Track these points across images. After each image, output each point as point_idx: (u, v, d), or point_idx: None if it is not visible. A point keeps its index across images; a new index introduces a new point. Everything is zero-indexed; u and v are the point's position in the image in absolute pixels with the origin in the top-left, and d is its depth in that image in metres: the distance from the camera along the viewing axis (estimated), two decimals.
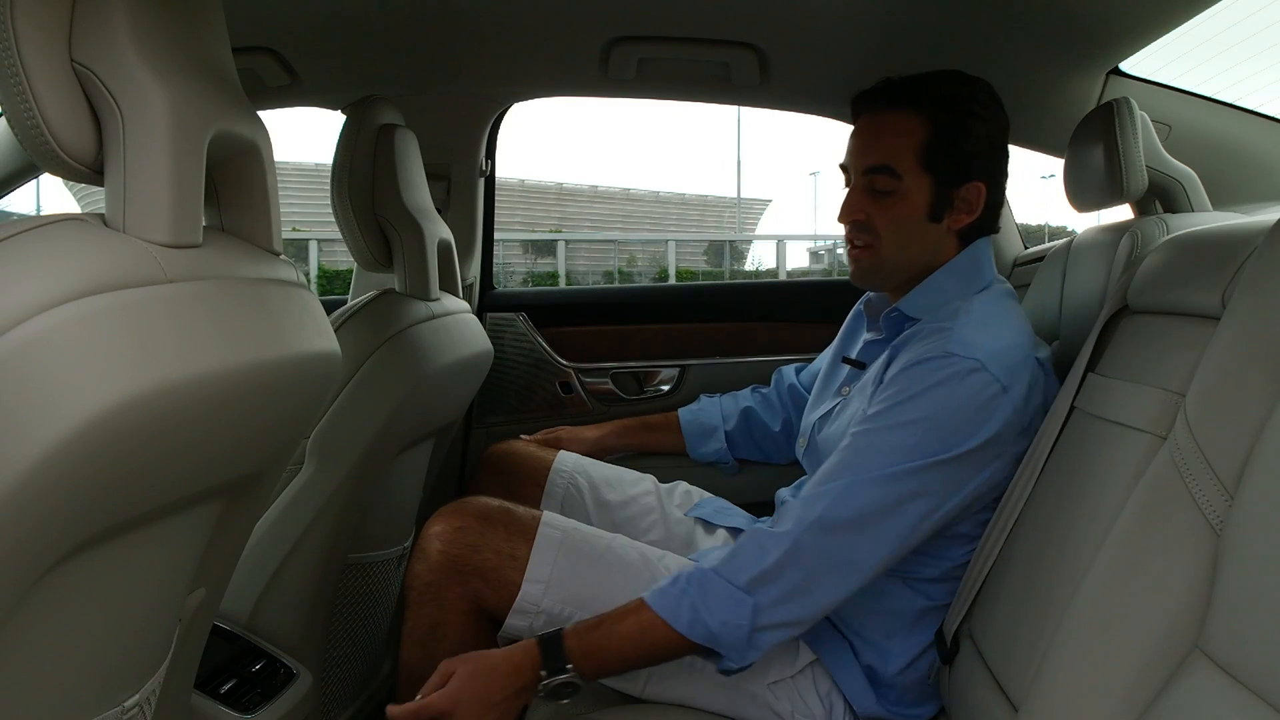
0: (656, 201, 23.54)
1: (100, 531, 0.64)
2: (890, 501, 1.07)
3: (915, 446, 1.07)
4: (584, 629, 1.09)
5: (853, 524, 1.07)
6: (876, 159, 1.21)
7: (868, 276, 1.27)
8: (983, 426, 1.07)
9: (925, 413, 1.08)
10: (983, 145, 1.21)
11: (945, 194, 1.21)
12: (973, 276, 1.23)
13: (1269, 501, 0.64)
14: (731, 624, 1.06)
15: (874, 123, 1.23)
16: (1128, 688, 0.70)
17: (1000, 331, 1.14)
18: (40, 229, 0.58)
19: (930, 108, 1.19)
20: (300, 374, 0.80)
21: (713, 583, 1.08)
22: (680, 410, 1.66)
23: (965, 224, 1.23)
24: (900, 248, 1.22)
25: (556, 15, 1.57)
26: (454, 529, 1.20)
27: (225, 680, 1.14)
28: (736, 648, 1.07)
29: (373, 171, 1.39)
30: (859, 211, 1.22)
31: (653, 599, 1.08)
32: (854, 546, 1.07)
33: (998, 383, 1.08)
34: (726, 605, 1.06)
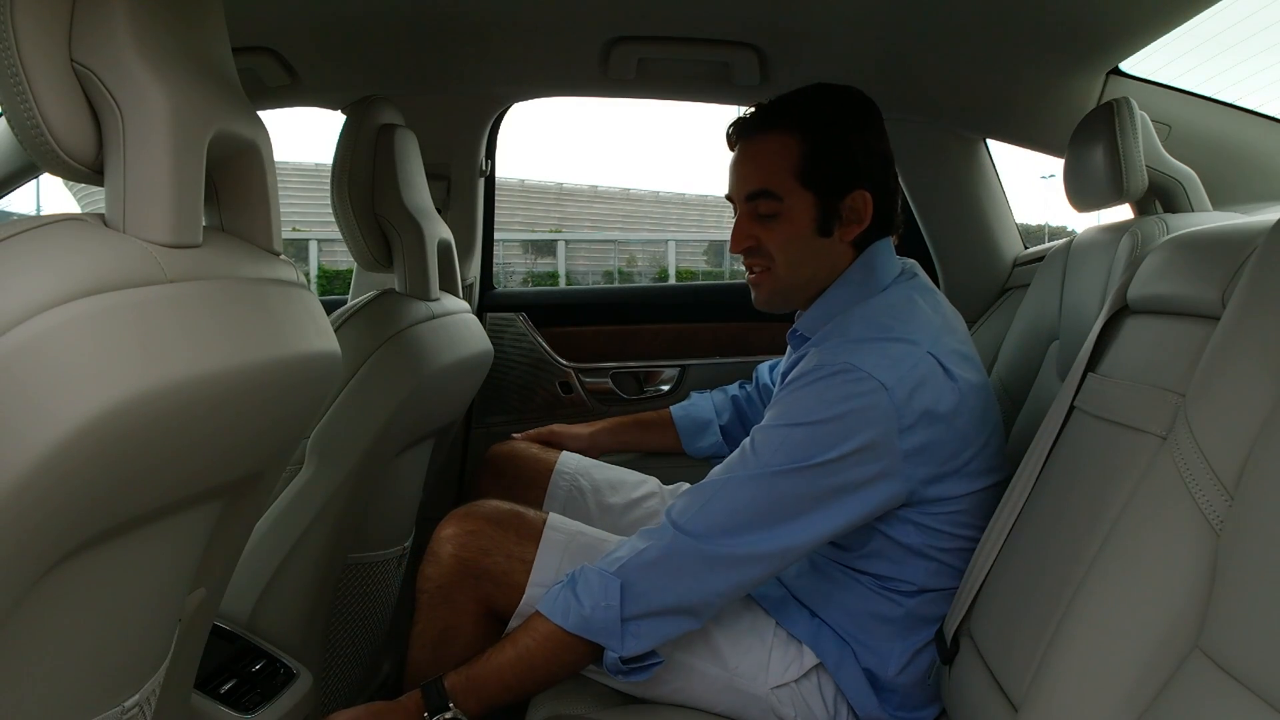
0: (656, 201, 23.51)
1: (100, 532, 0.64)
2: (767, 500, 1.07)
3: (789, 449, 1.07)
4: (465, 665, 1.11)
5: (728, 519, 1.08)
6: (756, 184, 1.21)
7: (770, 300, 1.27)
8: (859, 426, 1.06)
9: (796, 419, 1.08)
10: (859, 153, 1.21)
11: (831, 207, 1.20)
12: (866, 283, 1.22)
13: (1269, 501, 0.64)
14: (600, 605, 1.07)
15: (749, 149, 1.23)
16: (1128, 688, 0.70)
17: (881, 334, 1.13)
18: (40, 229, 0.58)
19: (801, 125, 1.19)
20: (300, 374, 0.80)
21: (586, 572, 1.10)
22: (672, 407, 1.66)
23: (857, 233, 1.22)
24: (794, 267, 1.22)
25: (556, 15, 1.57)
26: (466, 532, 1.20)
27: (225, 680, 1.13)
28: (610, 632, 1.07)
29: (373, 171, 1.39)
30: (748, 239, 1.22)
31: (541, 602, 1.10)
32: (729, 541, 1.07)
33: (873, 379, 1.06)
34: (596, 589, 1.08)
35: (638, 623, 1.08)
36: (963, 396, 1.11)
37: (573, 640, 1.08)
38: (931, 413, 1.08)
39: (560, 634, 1.08)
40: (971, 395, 1.13)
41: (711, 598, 1.10)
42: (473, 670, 1.10)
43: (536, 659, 1.09)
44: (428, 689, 1.10)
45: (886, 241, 1.25)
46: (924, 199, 1.99)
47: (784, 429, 1.09)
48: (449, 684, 1.09)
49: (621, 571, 1.08)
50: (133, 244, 0.64)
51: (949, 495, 1.12)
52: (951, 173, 1.94)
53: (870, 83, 1.32)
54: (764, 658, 1.19)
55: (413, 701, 1.10)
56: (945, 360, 1.12)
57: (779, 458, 1.08)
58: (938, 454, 1.10)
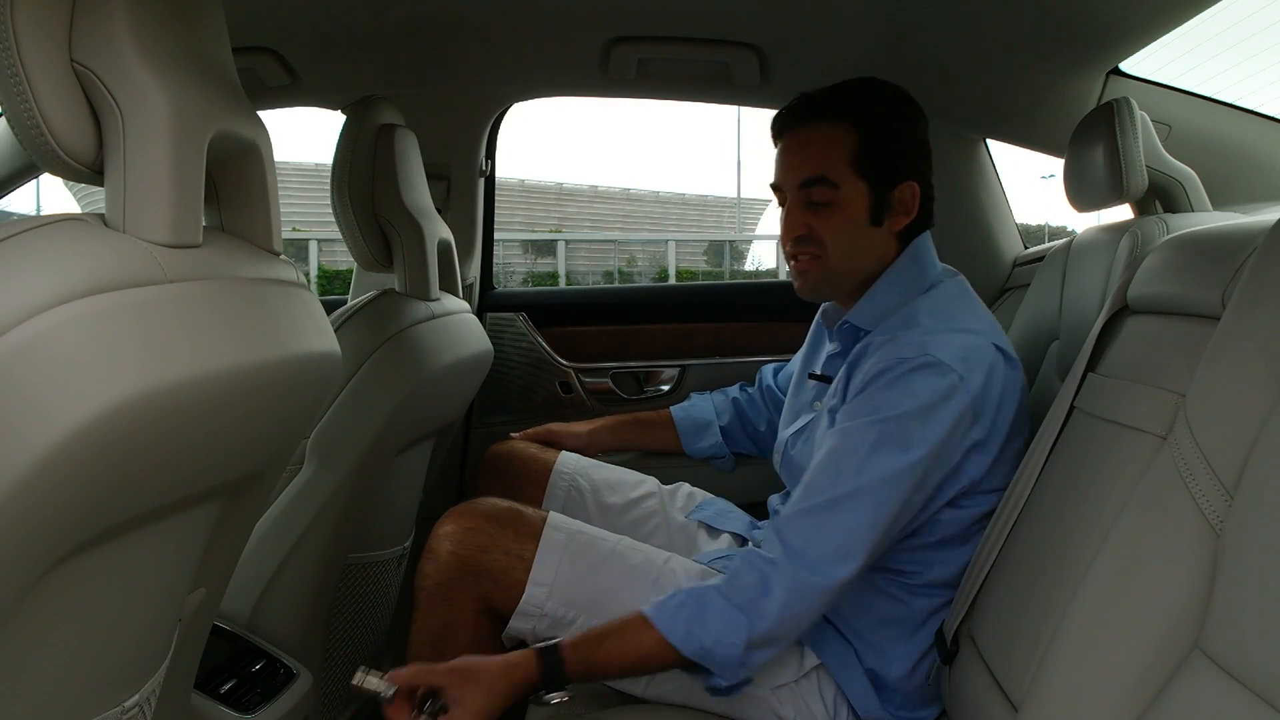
0: (656, 201, 23.51)
1: (100, 532, 0.64)
2: (869, 511, 1.07)
3: (889, 447, 1.08)
4: (584, 645, 1.08)
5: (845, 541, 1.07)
6: (811, 170, 1.21)
7: (818, 288, 1.27)
8: (943, 420, 1.08)
9: (889, 415, 1.09)
10: (910, 145, 1.24)
11: (882, 197, 1.22)
12: (916, 277, 1.24)
13: (1269, 501, 0.64)
14: (725, 642, 1.06)
15: (802, 136, 1.24)
16: (1128, 688, 0.70)
17: (951, 326, 1.15)
18: (40, 229, 0.58)
19: (854, 115, 1.21)
20: (300, 374, 0.80)
21: (712, 600, 1.08)
22: (672, 408, 1.66)
23: (905, 224, 1.24)
24: (847, 255, 1.23)
25: (556, 15, 1.57)
26: (464, 529, 1.20)
27: (225, 680, 1.13)
28: (729, 666, 1.07)
29: (373, 171, 1.39)
30: (801, 226, 1.23)
31: (652, 612, 1.09)
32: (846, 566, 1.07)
33: (954, 373, 1.09)
34: (723, 624, 1.06)
35: (756, 654, 1.07)
36: (1021, 385, 1.16)
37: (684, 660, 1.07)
38: (1000, 402, 1.13)
39: (674, 653, 1.07)
40: (1024, 384, 1.18)
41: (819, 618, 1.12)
42: (594, 657, 1.08)
43: (652, 662, 1.09)
44: (545, 655, 1.07)
45: (928, 236, 1.27)
46: None
47: (878, 425, 1.09)
48: (569, 666, 1.07)
49: (749, 608, 1.06)
50: (133, 244, 0.64)
51: (992, 488, 1.15)
52: (951, 173, 1.94)
53: None
54: None
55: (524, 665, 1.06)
56: (1005, 349, 1.16)
57: (879, 457, 1.08)
58: (997, 442, 1.13)
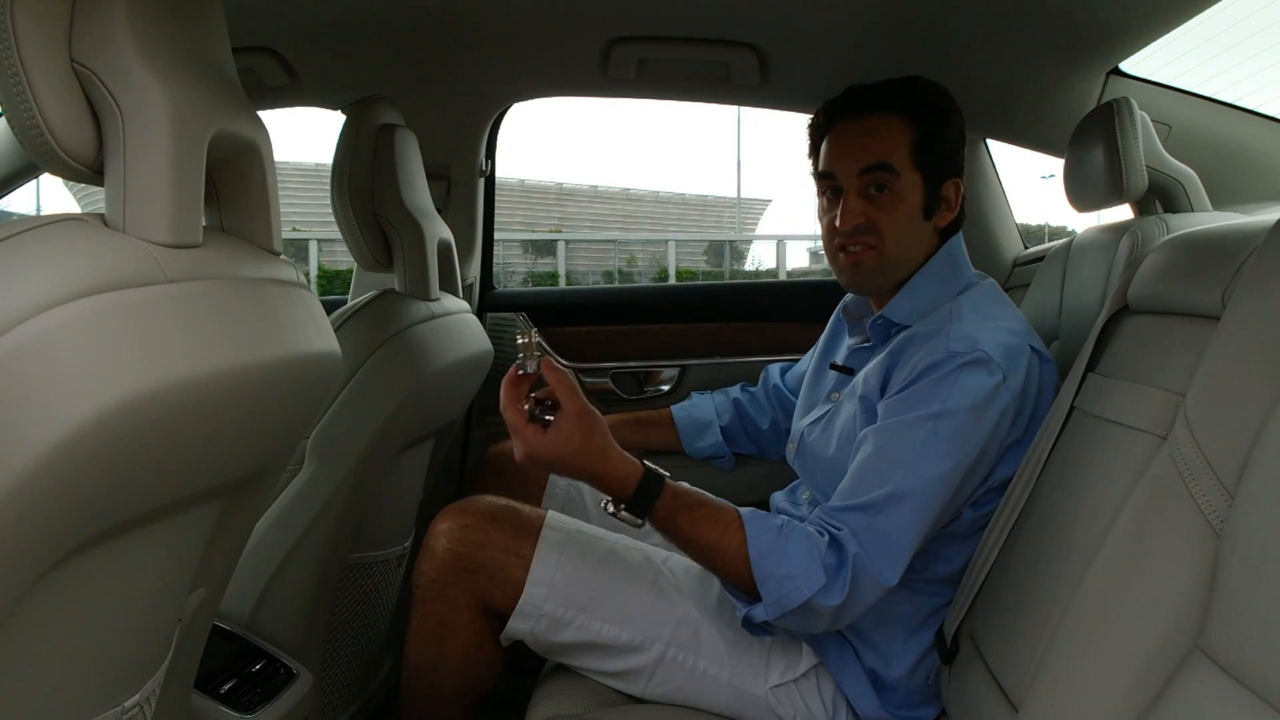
0: (656, 201, 23.52)
1: (101, 532, 0.64)
2: (920, 509, 1.07)
3: (941, 441, 1.08)
4: (681, 496, 1.10)
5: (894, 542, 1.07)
6: (876, 157, 1.21)
7: (871, 279, 1.25)
8: (991, 419, 1.10)
9: (941, 411, 1.09)
10: (956, 142, 1.26)
11: (934, 191, 1.24)
12: (952, 277, 1.25)
13: (1269, 501, 0.64)
14: (794, 583, 1.06)
15: (861, 126, 1.24)
16: (1128, 688, 0.70)
17: (994, 324, 1.16)
18: (40, 229, 0.58)
19: (910, 108, 1.22)
20: (300, 374, 0.80)
21: (803, 543, 1.07)
22: (673, 407, 1.66)
23: (949, 220, 1.26)
24: (902, 246, 1.23)
25: (556, 15, 1.57)
26: (460, 527, 1.20)
27: (225, 680, 1.13)
28: (779, 604, 1.06)
29: (373, 171, 1.39)
30: (860, 215, 1.22)
31: (749, 514, 1.10)
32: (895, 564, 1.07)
33: (1001, 371, 1.10)
34: (804, 568, 1.06)
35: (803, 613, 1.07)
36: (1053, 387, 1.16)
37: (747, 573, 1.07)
38: (1034, 404, 1.14)
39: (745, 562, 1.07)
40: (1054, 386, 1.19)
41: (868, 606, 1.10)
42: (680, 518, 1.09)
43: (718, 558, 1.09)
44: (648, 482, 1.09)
45: (961, 236, 1.29)
46: None
47: (932, 421, 1.09)
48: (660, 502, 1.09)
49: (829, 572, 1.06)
50: (133, 244, 0.64)
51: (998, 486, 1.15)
52: None
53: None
54: (763, 657, 1.19)
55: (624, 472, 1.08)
56: (1041, 351, 1.18)
57: (932, 452, 1.08)
58: (1026, 443, 1.13)
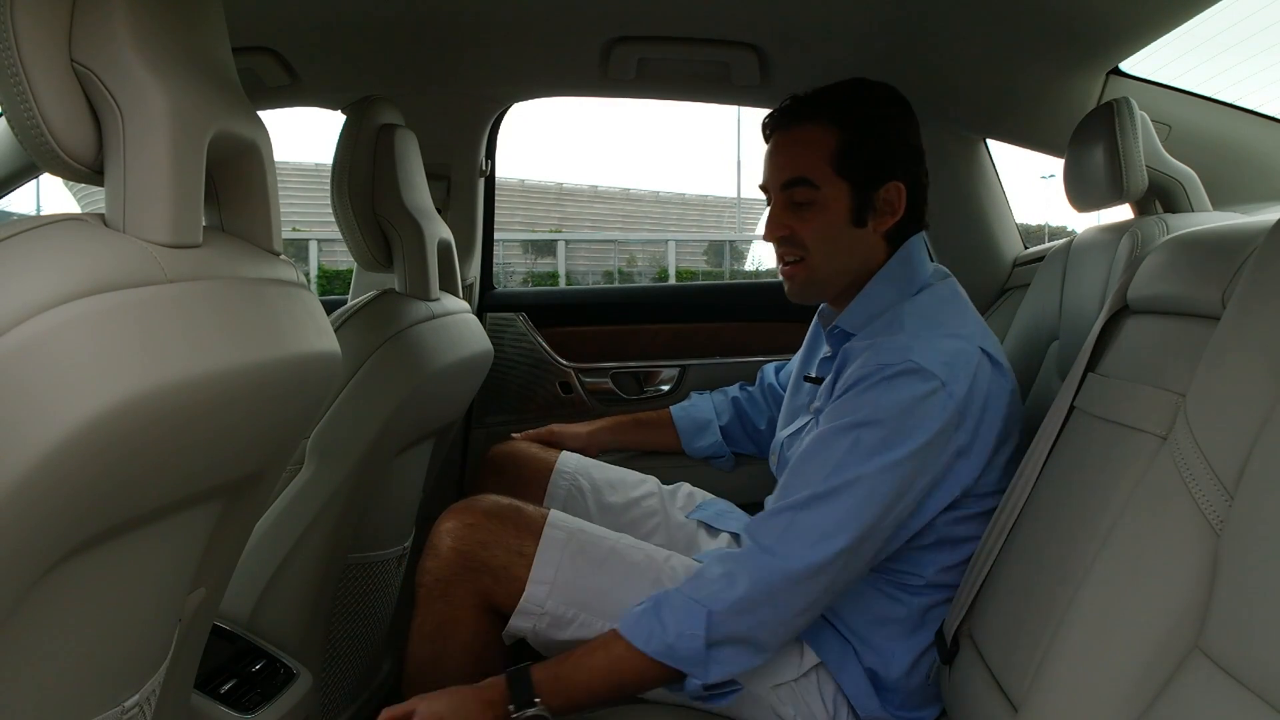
0: (656, 201, 23.51)
1: (100, 532, 0.63)
2: (847, 510, 1.07)
3: (864, 450, 1.07)
4: (553, 663, 1.10)
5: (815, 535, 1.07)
6: (792, 171, 1.22)
7: (804, 291, 1.27)
8: (924, 425, 1.08)
9: (865, 420, 1.08)
10: (894, 145, 1.23)
11: (865, 198, 1.22)
12: (905, 280, 1.23)
13: (1269, 501, 0.64)
14: (686, 634, 1.06)
15: (786, 138, 1.24)
16: (1128, 688, 0.70)
17: (934, 331, 1.14)
18: (40, 229, 0.58)
19: (837, 115, 1.21)
20: (300, 374, 0.80)
21: (671, 597, 1.09)
22: (672, 407, 1.66)
23: (890, 225, 1.24)
24: (829, 257, 1.23)
25: (556, 15, 1.57)
26: (465, 525, 1.21)
27: (225, 680, 1.13)
28: (695, 660, 1.07)
29: (373, 171, 1.39)
30: (783, 227, 1.23)
31: (622, 622, 1.09)
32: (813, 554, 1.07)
33: (936, 379, 1.08)
34: (682, 615, 1.07)
35: (720, 649, 1.07)
36: (1009, 391, 1.15)
37: (655, 664, 1.07)
38: (984, 408, 1.11)
39: (642, 659, 1.07)
40: (1013, 389, 1.17)
41: (795, 619, 1.10)
42: (561, 669, 1.08)
43: (626, 674, 1.08)
44: (514, 678, 1.07)
45: (920, 238, 1.27)
46: None
47: (855, 430, 1.09)
48: (536, 677, 1.07)
49: (710, 600, 1.07)
50: (133, 244, 0.64)
51: (986, 491, 1.14)
52: (951, 173, 1.94)
53: None
54: None
55: (496, 689, 1.07)
56: (993, 354, 1.15)
57: (854, 459, 1.07)
58: (984, 448, 1.12)
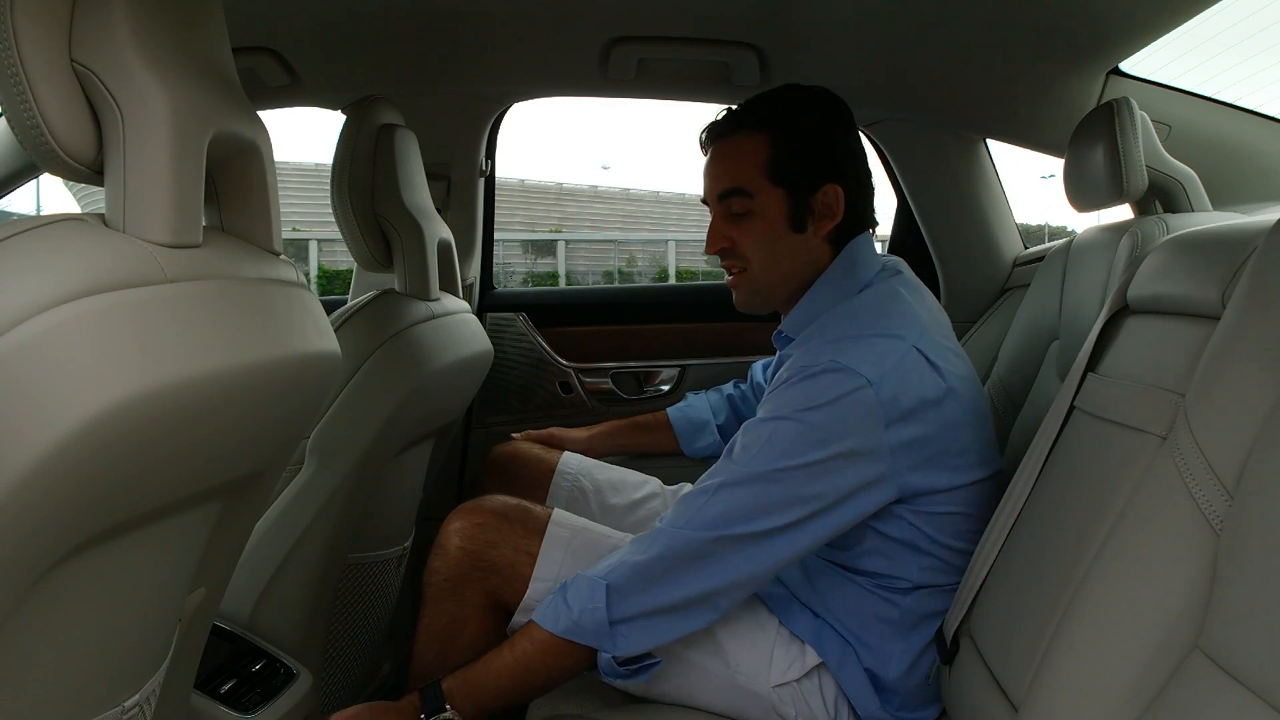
0: (656, 201, 23.51)
1: (100, 532, 0.64)
2: (760, 501, 1.07)
3: (778, 445, 1.07)
4: (464, 669, 1.11)
5: (721, 517, 1.07)
6: (726, 183, 1.22)
7: (750, 301, 1.27)
8: (849, 425, 1.06)
9: (782, 414, 1.08)
10: (827, 148, 1.22)
11: (802, 202, 1.21)
12: (847, 281, 1.22)
13: (1269, 501, 0.64)
14: (589, 609, 1.07)
15: (719, 150, 1.24)
16: (1128, 688, 0.70)
17: (862, 334, 1.12)
18: (40, 229, 0.58)
19: (768, 123, 1.20)
20: (300, 374, 0.80)
21: (577, 579, 1.11)
22: (669, 409, 1.66)
23: (830, 228, 1.22)
24: (770, 265, 1.23)
25: (556, 15, 1.57)
26: (473, 525, 1.21)
27: (225, 680, 1.14)
28: (599, 634, 1.08)
29: (373, 171, 1.39)
30: (723, 239, 1.23)
31: (538, 611, 1.11)
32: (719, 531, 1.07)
33: (861, 376, 1.06)
34: (584, 593, 1.09)
35: (628, 624, 1.08)
36: (950, 388, 1.11)
37: (566, 645, 1.09)
38: (918, 406, 1.08)
39: (552, 639, 1.09)
40: (960, 386, 1.13)
41: (702, 593, 1.09)
42: (470, 674, 1.10)
43: (533, 663, 1.10)
44: (425, 691, 1.10)
45: (866, 237, 1.25)
46: (924, 199, 1.98)
47: (771, 423, 1.09)
48: (446, 686, 1.09)
49: (609, 575, 1.09)
50: (133, 244, 0.64)
51: (940, 488, 1.12)
52: (951, 173, 1.94)
53: (870, 82, 1.32)
54: (766, 656, 1.19)
55: (410, 703, 1.10)
56: (930, 353, 1.11)
57: (768, 454, 1.07)
58: (925, 448, 1.09)
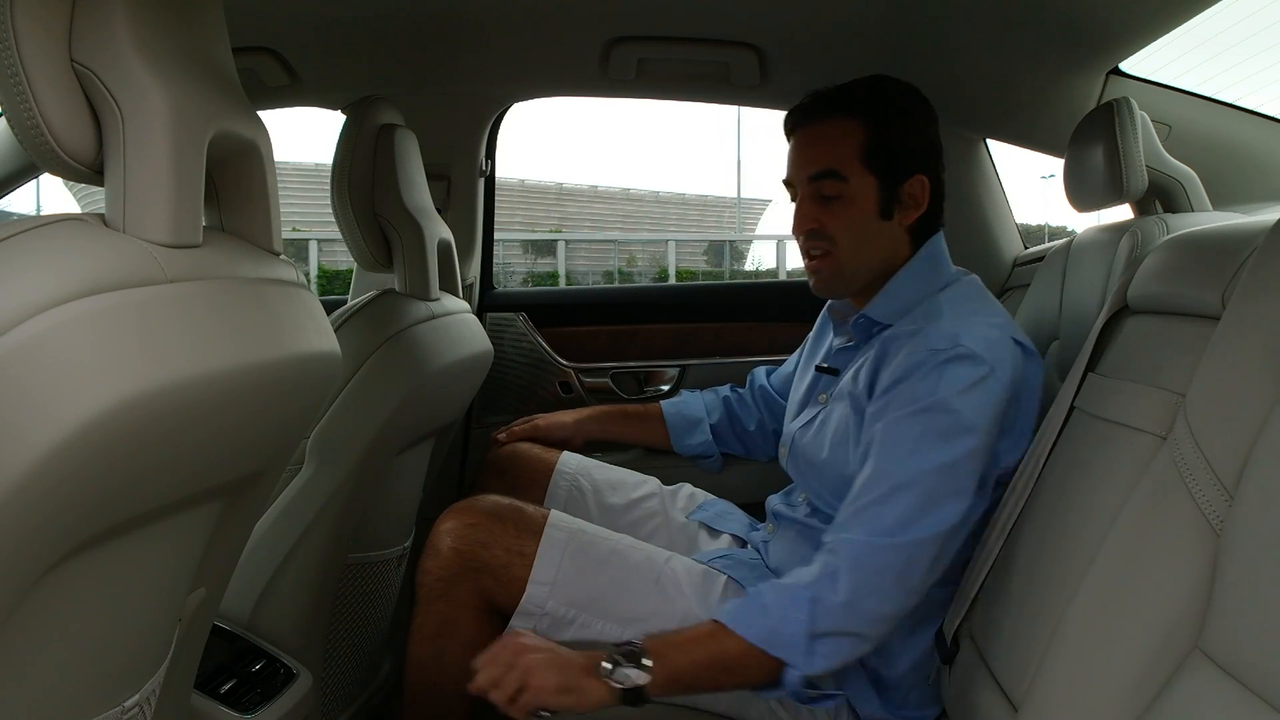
0: (656, 201, 23.54)
1: (100, 532, 0.64)
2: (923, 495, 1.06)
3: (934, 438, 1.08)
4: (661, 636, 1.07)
5: (900, 518, 1.06)
6: (821, 164, 1.23)
7: (830, 284, 1.28)
8: (984, 407, 1.09)
9: (930, 405, 1.08)
10: (918, 140, 1.25)
11: (892, 191, 1.23)
12: (932, 275, 1.25)
13: (1269, 501, 0.64)
14: (790, 618, 1.04)
15: (812, 132, 1.25)
16: (1128, 688, 0.70)
17: (974, 319, 1.16)
18: (40, 229, 0.58)
19: (864, 110, 1.22)
20: (300, 374, 0.80)
21: (770, 588, 1.08)
22: (663, 402, 1.66)
23: (915, 219, 1.25)
24: (857, 250, 1.24)
25: (556, 15, 1.57)
26: (465, 526, 1.21)
27: (225, 680, 1.13)
28: (796, 648, 1.04)
29: (373, 171, 1.39)
30: (812, 220, 1.24)
31: (721, 614, 1.08)
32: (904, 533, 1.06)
33: (986, 363, 1.09)
34: (786, 600, 1.06)
35: (824, 640, 1.05)
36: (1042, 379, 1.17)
37: (755, 653, 1.05)
38: (1022, 395, 1.13)
39: (744, 646, 1.05)
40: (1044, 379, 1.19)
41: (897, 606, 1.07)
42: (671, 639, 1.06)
43: (731, 663, 1.06)
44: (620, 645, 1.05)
45: (941, 236, 1.28)
46: None
47: (922, 416, 1.09)
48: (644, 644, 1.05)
49: (812, 588, 1.06)
50: (133, 244, 0.64)
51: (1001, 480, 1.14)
52: (951, 173, 1.93)
53: None
54: None
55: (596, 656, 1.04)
56: (1024, 344, 1.17)
57: (927, 445, 1.08)
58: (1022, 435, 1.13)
